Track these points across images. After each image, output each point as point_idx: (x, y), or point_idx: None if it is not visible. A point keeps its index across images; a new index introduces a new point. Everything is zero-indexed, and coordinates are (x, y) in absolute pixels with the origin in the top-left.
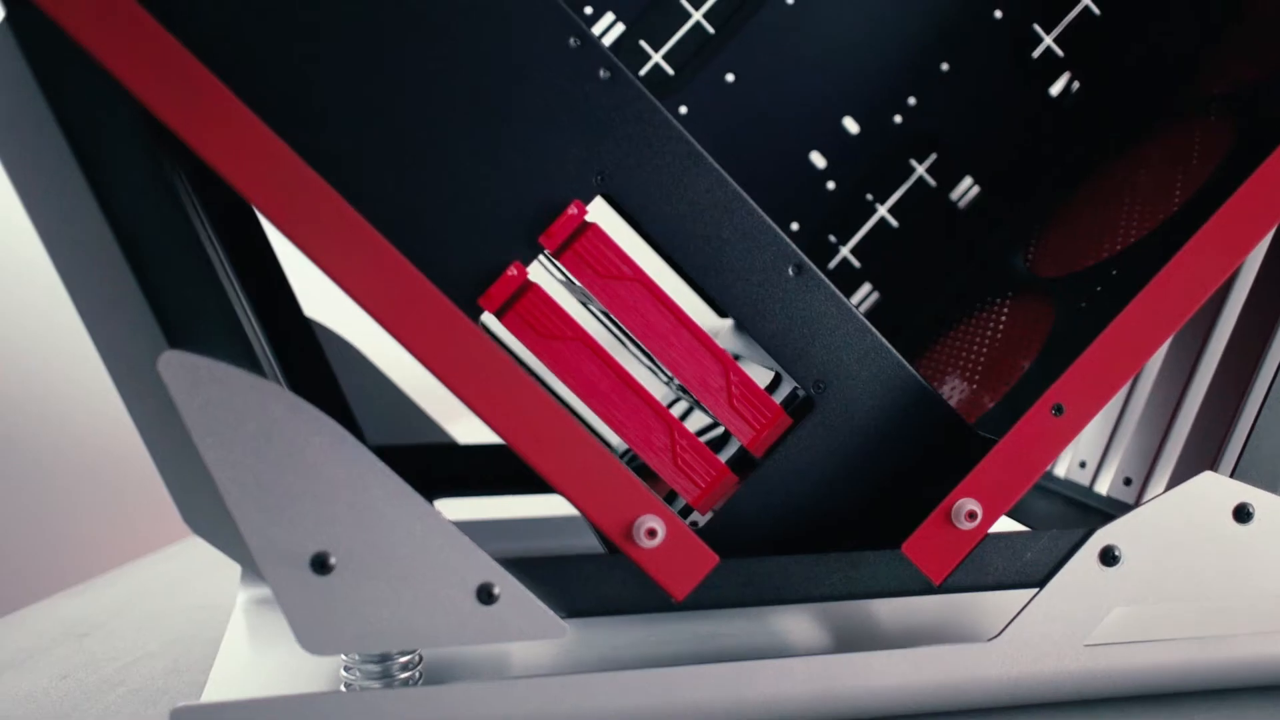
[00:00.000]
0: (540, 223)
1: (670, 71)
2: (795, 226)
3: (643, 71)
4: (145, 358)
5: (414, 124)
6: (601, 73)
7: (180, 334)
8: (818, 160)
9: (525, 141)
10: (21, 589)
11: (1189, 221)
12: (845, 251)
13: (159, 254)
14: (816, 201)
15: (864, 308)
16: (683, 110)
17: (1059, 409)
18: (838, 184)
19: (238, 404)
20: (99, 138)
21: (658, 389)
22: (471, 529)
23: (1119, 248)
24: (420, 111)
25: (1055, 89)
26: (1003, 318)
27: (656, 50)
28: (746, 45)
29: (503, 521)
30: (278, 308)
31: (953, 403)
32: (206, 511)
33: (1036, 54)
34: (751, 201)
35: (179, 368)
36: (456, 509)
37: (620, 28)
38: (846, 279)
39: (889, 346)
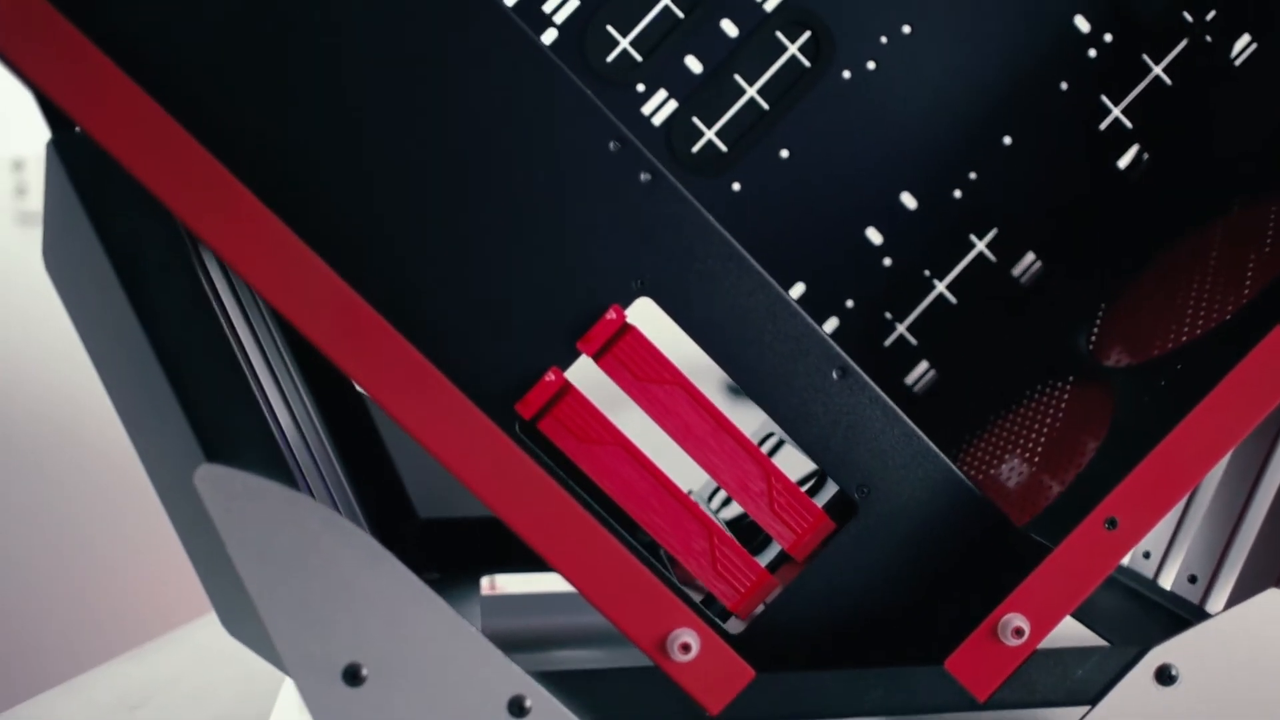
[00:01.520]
0: (578, 328)
1: (723, 148)
2: (850, 303)
3: (696, 148)
4: (185, 468)
5: (450, 228)
6: (642, 176)
7: (217, 447)
8: (874, 236)
9: (564, 246)
10: (73, 656)
11: (1261, 316)
12: (902, 329)
13: (196, 370)
14: (872, 278)
15: (921, 385)
16: (736, 187)
17: (1113, 522)
18: (894, 260)
19: (272, 518)
20: (139, 254)
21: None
22: (522, 602)
23: (1185, 338)
24: (456, 215)
25: (1124, 161)
26: (1064, 402)
27: (710, 127)
28: (801, 121)
29: (556, 595)
30: (327, 372)
31: (1012, 484)
32: (244, 618)
33: (1104, 125)
34: (795, 304)
35: (215, 482)
36: (509, 583)
37: (673, 105)
38: (903, 356)
39: (936, 451)
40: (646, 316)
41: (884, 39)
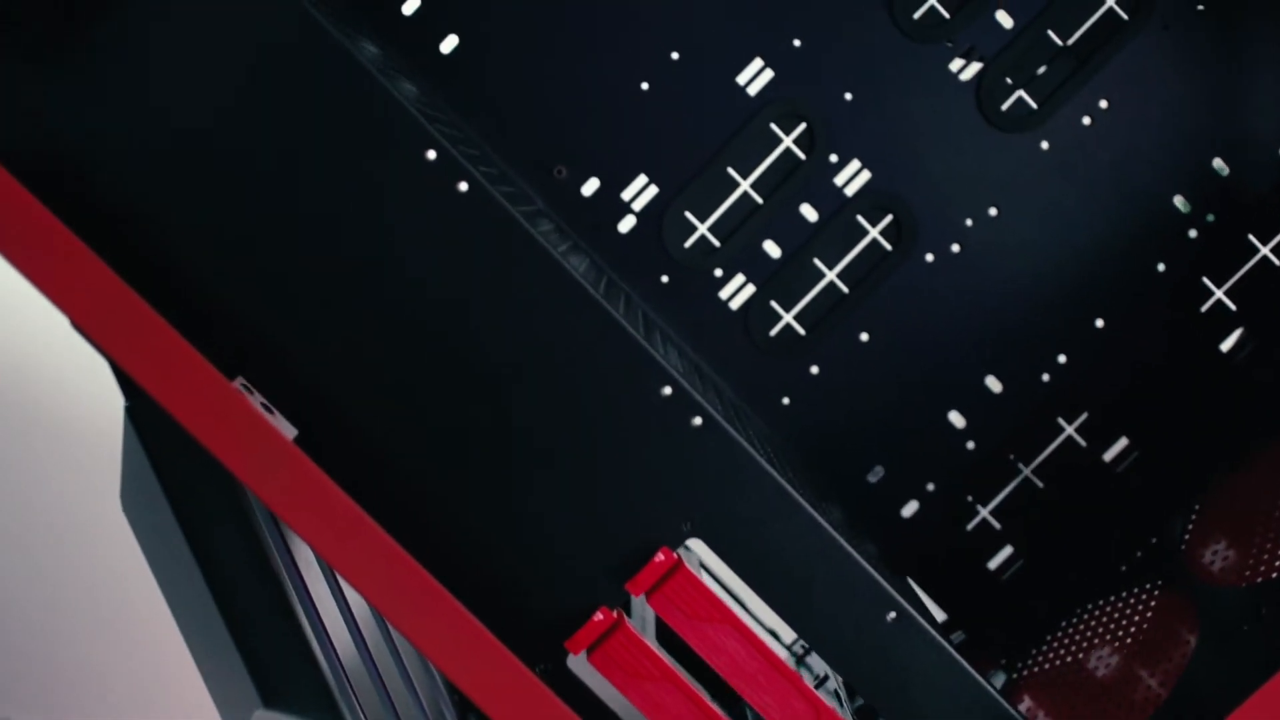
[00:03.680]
0: (627, 570)
1: (802, 331)
2: (930, 486)
3: (774, 332)
4: (246, 705)
5: (498, 471)
6: (694, 421)
7: (272, 691)
8: (956, 420)
9: (613, 489)
10: None
11: None
12: (985, 513)
13: (253, 620)
14: (954, 461)
15: (1008, 575)
16: (814, 370)
17: None
18: (977, 443)
19: None
20: (200, 514)
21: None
22: None
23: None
24: (505, 458)
25: (1226, 345)
26: (1150, 606)
27: (788, 310)
28: (882, 304)
29: None
30: None
31: (1101, 674)
32: None
33: (1206, 308)
34: (848, 547)
35: None
36: None
37: (751, 289)
38: (986, 541)
39: (994, 694)
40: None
41: (969, 221)
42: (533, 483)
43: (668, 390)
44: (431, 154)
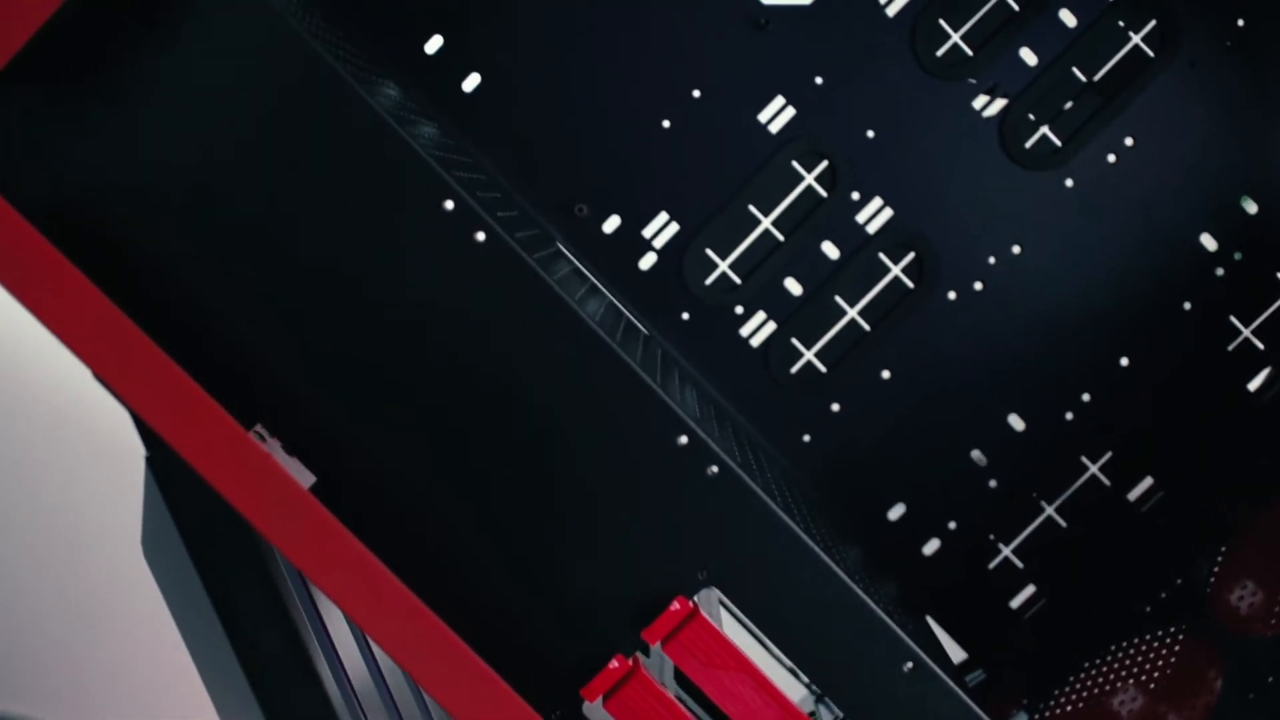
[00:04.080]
0: (642, 619)
1: (823, 369)
2: (952, 525)
3: (795, 369)
4: None
5: (514, 517)
6: (710, 469)
7: None
8: (978, 458)
9: (629, 536)
10: None
11: None
12: (1007, 551)
13: (271, 670)
14: (976, 500)
15: (1030, 614)
16: (835, 408)
17: None
18: (1000, 482)
19: None
20: (218, 561)
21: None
22: None
23: None
24: (521, 505)
25: (1254, 384)
26: (1175, 649)
27: (809, 348)
28: (904, 342)
29: None
30: None
31: (1126, 713)
32: None
33: (1232, 347)
34: (864, 597)
35: None
36: None
37: (772, 326)
38: (1008, 580)
39: None
40: None
41: (992, 259)
42: (549, 530)
43: (684, 439)
44: (449, 204)
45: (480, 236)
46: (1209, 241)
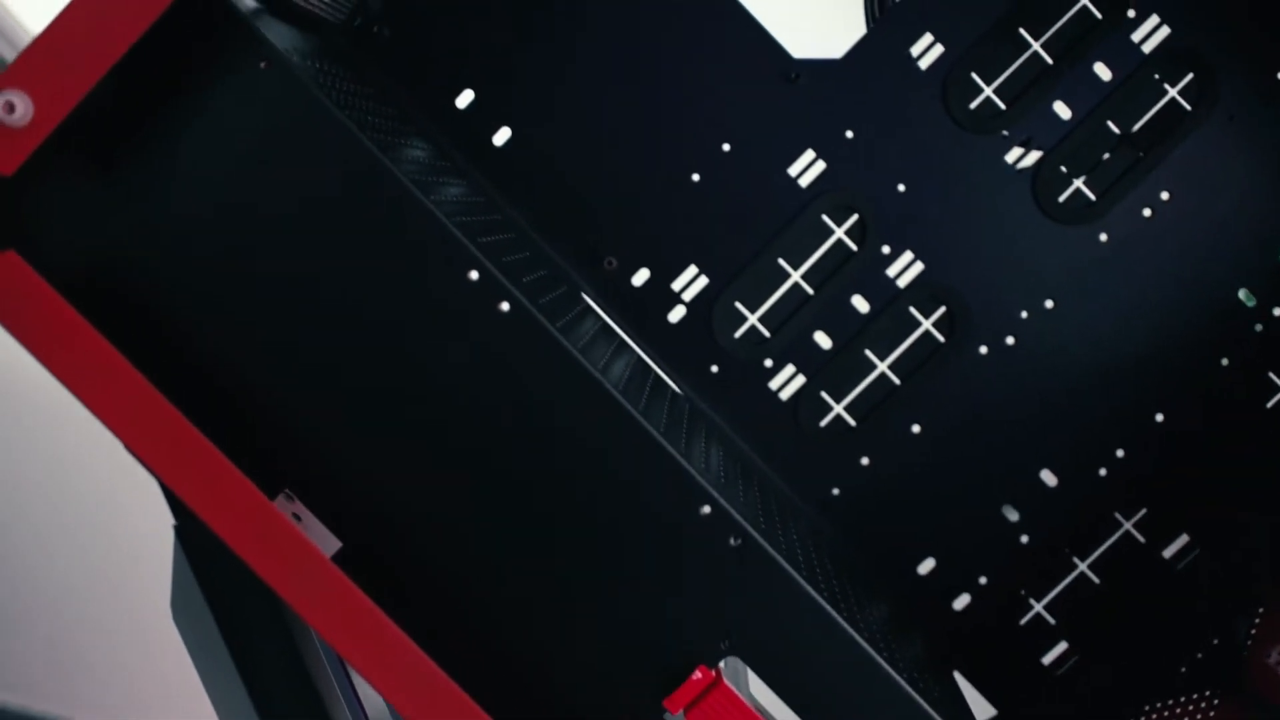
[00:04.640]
0: (665, 687)
1: (852, 422)
2: (983, 580)
3: (824, 423)
4: None
5: (537, 588)
6: (732, 540)
7: None
8: (1010, 513)
9: (652, 606)
10: None
11: None
12: (1039, 607)
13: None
14: (1007, 555)
15: (1062, 671)
16: (864, 462)
17: None
18: (1031, 537)
19: None
20: (244, 626)
21: None
22: None
23: None
24: (544, 574)
25: None
26: (1210, 714)
27: (838, 401)
28: (934, 396)
29: None
30: None
31: None
32: None
33: (1271, 404)
34: (886, 667)
35: None
36: None
37: (801, 379)
38: (1039, 636)
39: None
40: None
41: (1024, 313)
42: (571, 599)
43: (707, 509)
44: (474, 274)
45: (504, 307)
46: (1246, 296)
